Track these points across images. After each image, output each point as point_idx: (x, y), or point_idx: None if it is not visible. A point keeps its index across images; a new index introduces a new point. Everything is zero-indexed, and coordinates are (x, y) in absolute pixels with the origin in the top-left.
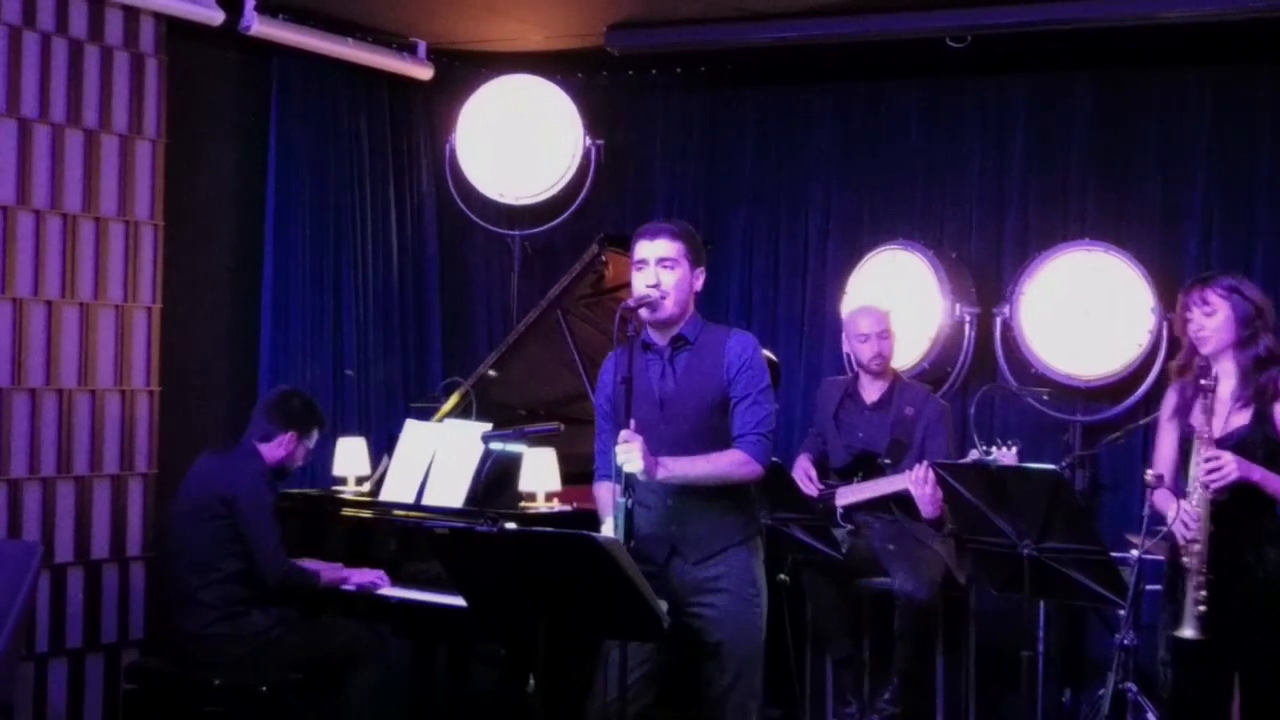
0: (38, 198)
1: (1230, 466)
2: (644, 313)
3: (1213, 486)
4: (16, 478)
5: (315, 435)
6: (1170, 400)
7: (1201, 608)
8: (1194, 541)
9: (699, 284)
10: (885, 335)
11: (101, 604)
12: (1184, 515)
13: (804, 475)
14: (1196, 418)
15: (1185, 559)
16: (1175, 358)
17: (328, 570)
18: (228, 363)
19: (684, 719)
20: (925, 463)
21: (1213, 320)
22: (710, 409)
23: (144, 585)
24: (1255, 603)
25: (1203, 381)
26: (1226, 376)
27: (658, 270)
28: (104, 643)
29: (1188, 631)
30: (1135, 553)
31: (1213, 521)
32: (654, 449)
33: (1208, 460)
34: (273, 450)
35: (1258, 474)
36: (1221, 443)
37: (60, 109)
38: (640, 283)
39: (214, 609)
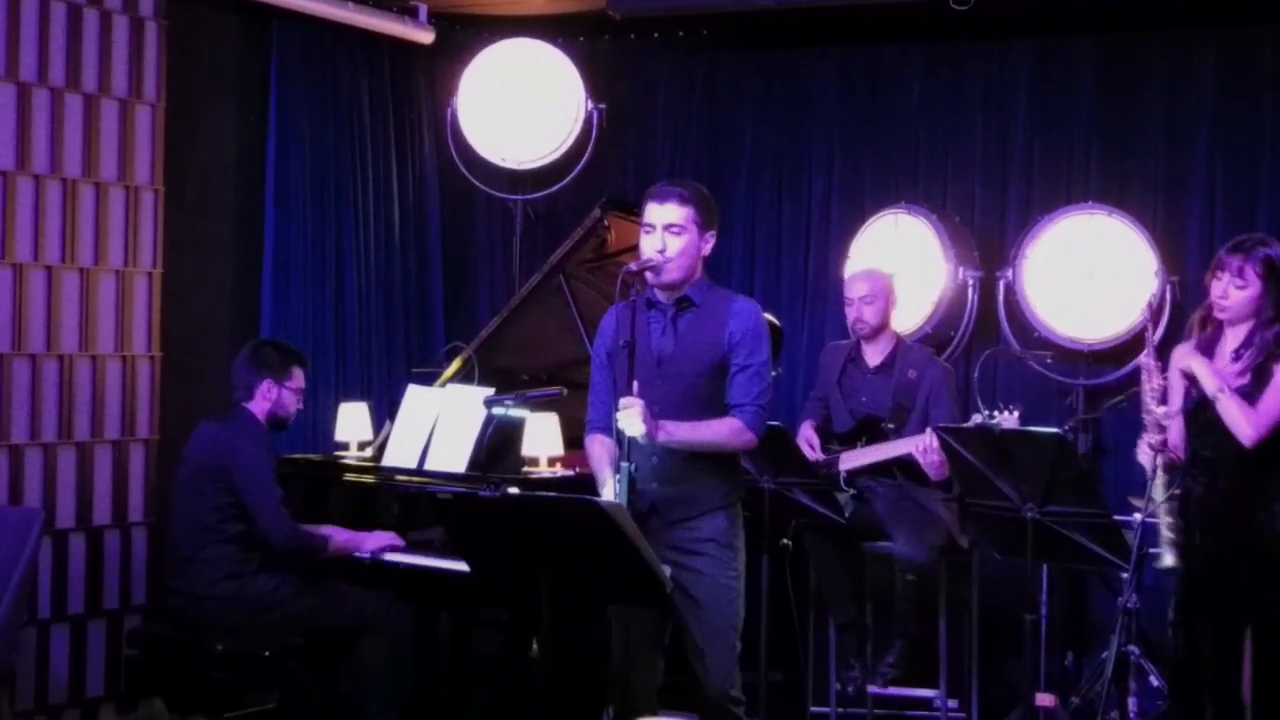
0: (37, 162)
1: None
2: (648, 276)
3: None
4: (18, 443)
5: (297, 374)
6: (1181, 350)
7: (1173, 534)
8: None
9: (708, 248)
10: (870, 299)
11: (103, 570)
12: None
13: (806, 443)
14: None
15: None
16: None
17: (340, 536)
18: (229, 328)
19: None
20: (929, 430)
21: (1242, 294)
22: (707, 371)
23: (145, 551)
24: (1265, 562)
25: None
26: (1234, 336)
27: (664, 235)
28: (106, 609)
29: (1167, 560)
30: (1138, 516)
31: (1222, 479)
32: (647, 406)
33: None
34: (258, 405)
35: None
36: None
37: (59, 73)
38: (647, 247)
39: (216, 568)
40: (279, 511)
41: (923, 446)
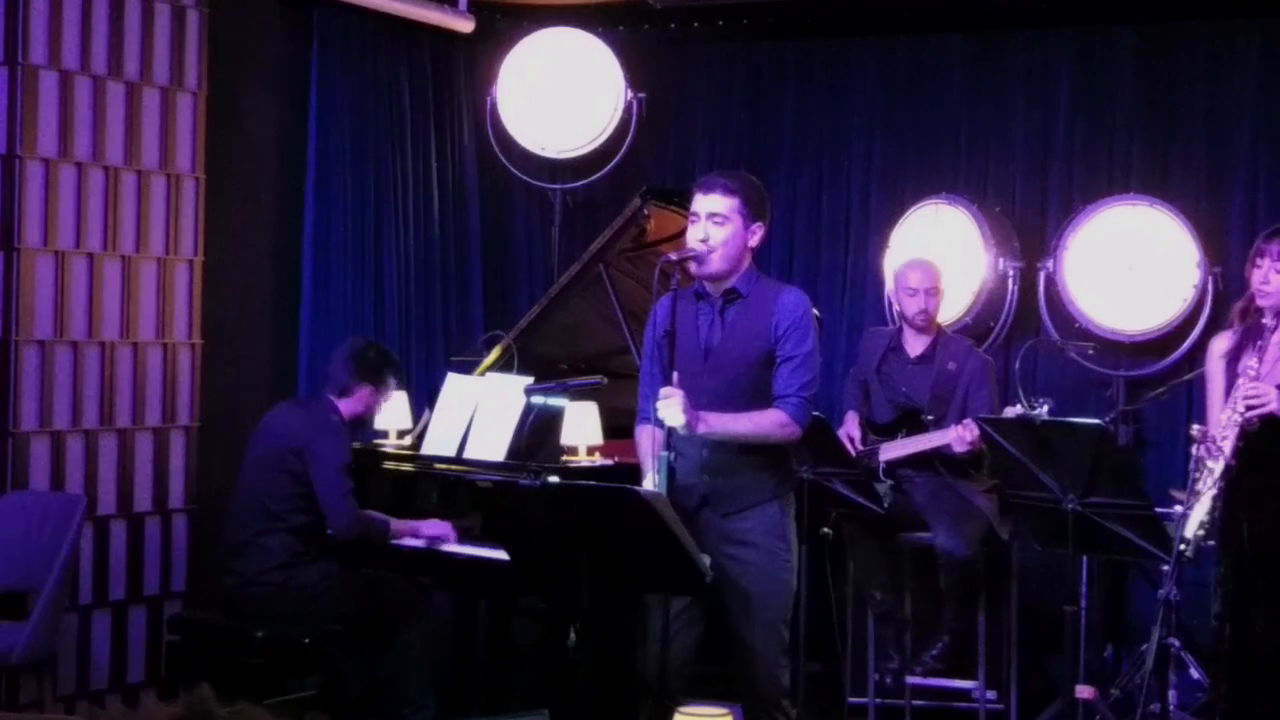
0: (80, 150)
1: (1271, 397)
2: (692, 267)
3: (1249, 414)
4: (59, 430)
5: (393, 384)
6: (1222, 344)
7: (1207, 516)
8: (1219, 451)
9: (755, 239)
10: (934, 292)
11: (144, 556)
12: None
13: (847, 438)
14: (1247, 357)
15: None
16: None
17: (396, 522)
18: (269, 316)
19: (727, 673)
20: (967, 421)
21: None
22: (754, 363)
23: (186, 537)
24: None
25: (1264, 320)
26: None
27: (708, 225)
28: (147, 594)
29: (1191, 528)
30: (1180, 508)
31: (1253, 468)
32: (694, 399)
33: (1250, 387)
34: (350, 405)
35: None
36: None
37: (101, 61)
38: (691, 237)
39: (272, 556)
40: (347, 501)
41: (956, 435)
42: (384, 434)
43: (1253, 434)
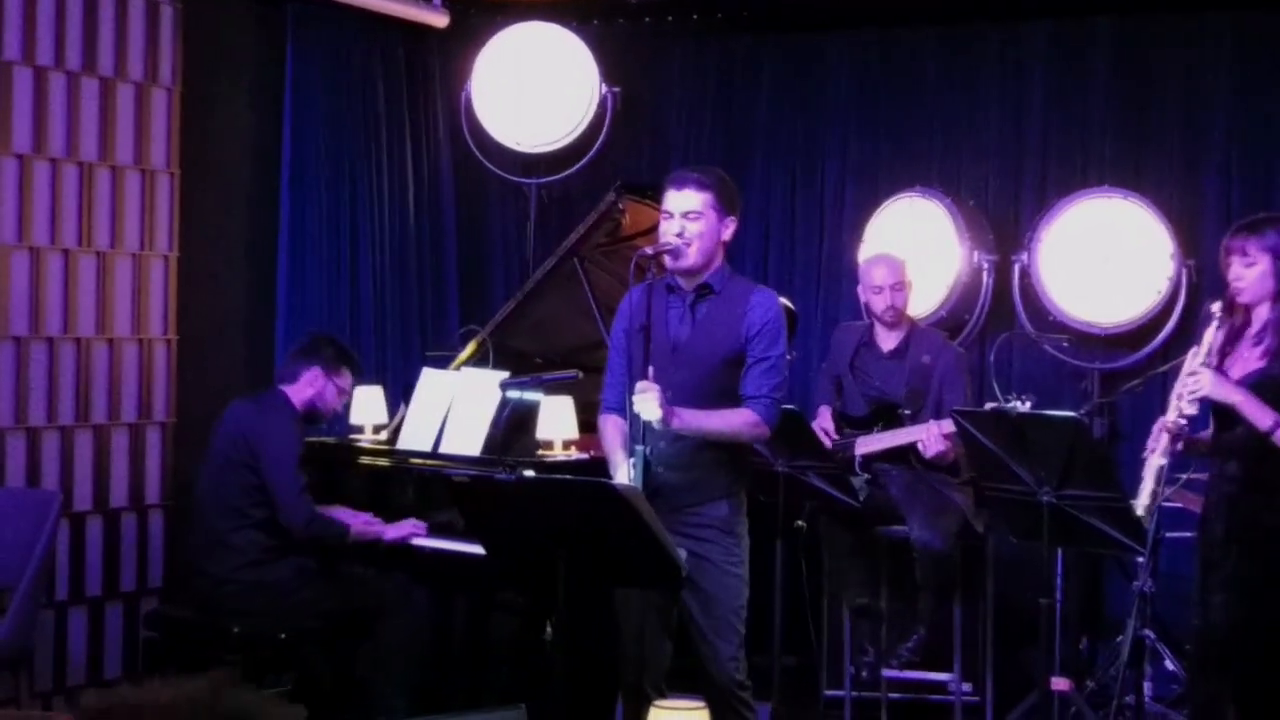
0: (54, 146)
1: (1205, 380)
2: (667, 260)
3: (1185, 397)
4: (35, 426)
5: (347, 375)
6: (1208, 338)
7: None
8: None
9: (728, 234)
10: (900, 287)
11: (120, 552)
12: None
13: (821, 431)
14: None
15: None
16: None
17: (360, 523)
18: (245, 311)
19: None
20: (932, 421)
21: (1251, 271)
22: (722, 361)
23: (163, 534)
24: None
25: (1213, 308)
26: (1257, 321)
27: (683, 221)
28: (123, 591)
29: (1140, 501)
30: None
31: (1239, 486)
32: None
33: (1191, 374)
34: (299, 391)
35: (1238, 395)
36: (1240, 384)
37: (76, 57)
38: (666, 232)
39: (242, 554)
40: (300, 498)
41: (926, 434)
42: (360, 429)
43: (1227, 427)
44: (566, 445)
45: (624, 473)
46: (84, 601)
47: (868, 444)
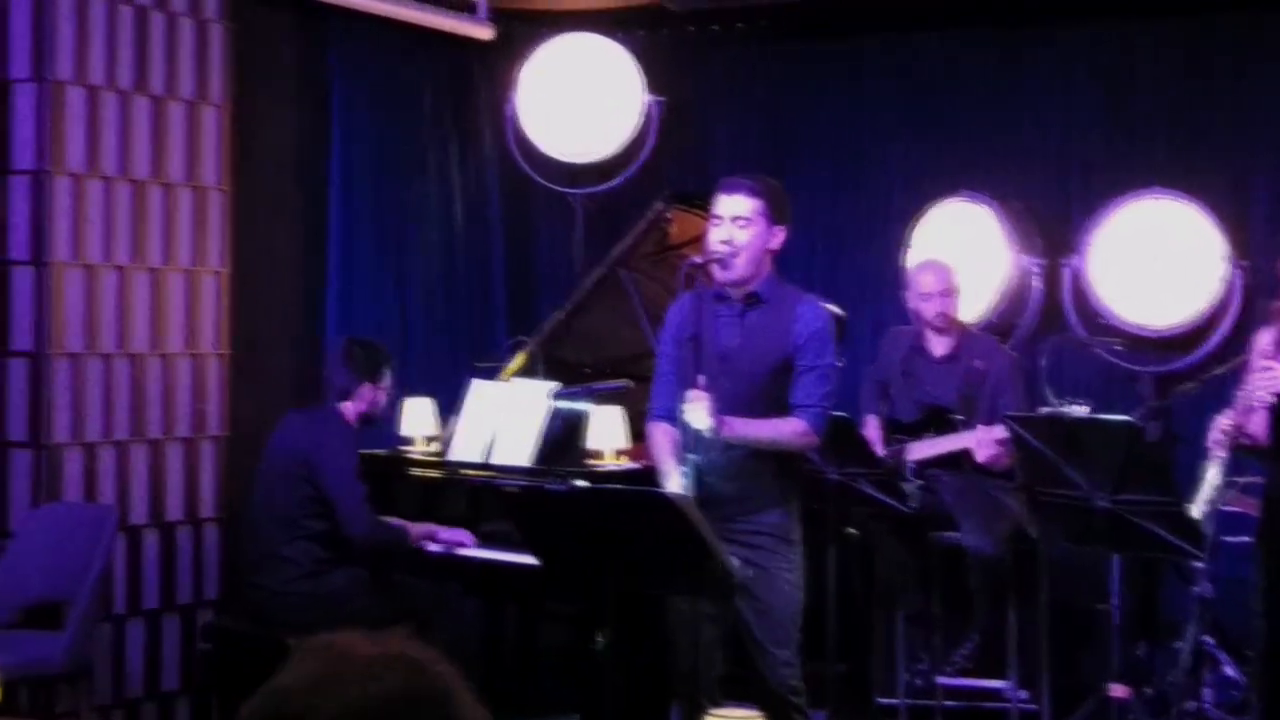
0: (106, 164)
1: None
2: (715, 269)
3: (1258, 392)
4: (91, 441)
5: (386, 373)
6: (1265, 338)
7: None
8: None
9: (776, 243)
10: (948, 293)
11: (176, 565)
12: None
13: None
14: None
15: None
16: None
17: (413, 526)
18: (295, 325)
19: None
20: (982, 427)
21: None
22: (771, 369)
23: (218, 546)
24: None
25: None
26: None
27: (731, 227)
28: (180, 603)
29: (1194, 510)
30: (1215, 506)
31: None
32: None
33: (1264, 367)
34: (355, 406)
35: None
36: None
37: (127, 76)
38: (714, 239)
39: (297, 565)
40: (362, 507)
41: (979, 440)
42: (410, 440)
43: None
44: (617, 454)
45: (674, 481)
46: (141, 614)
47: (920, 450)
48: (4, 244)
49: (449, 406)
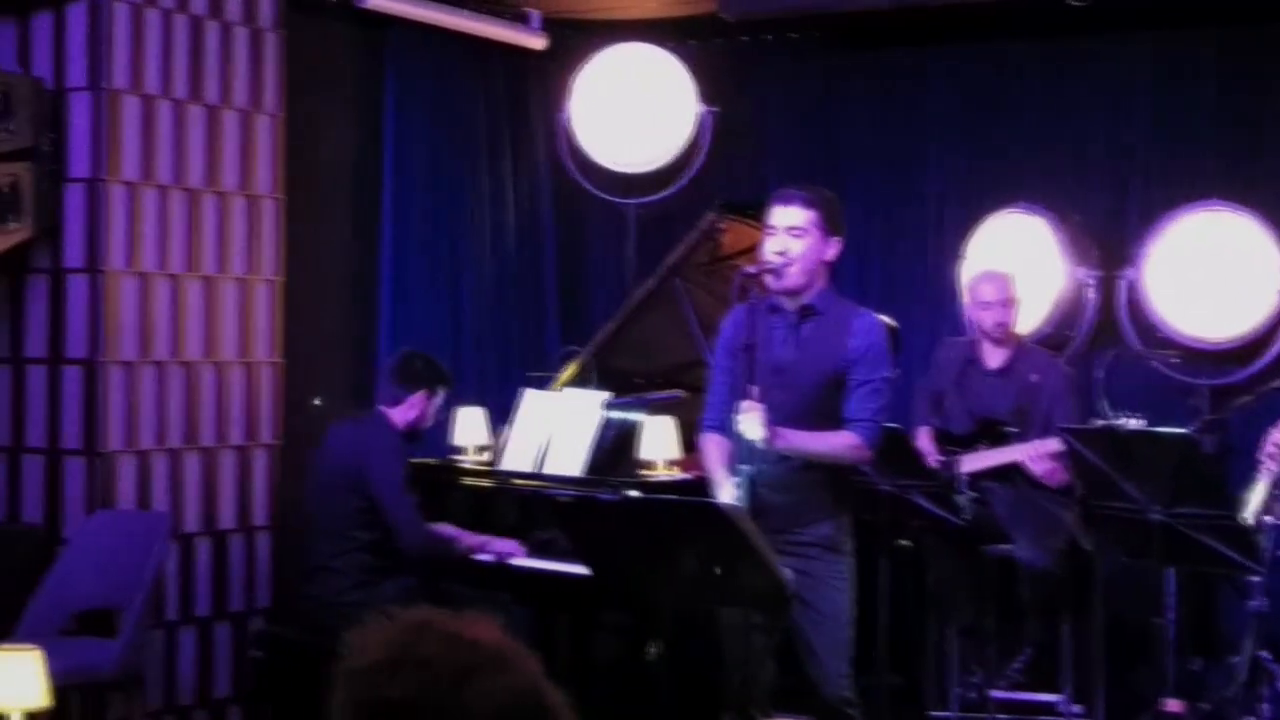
0: (161, 173)
1: None
2: (769, 280)
3: None
4: (145, 449)
5: (442, 393)
6: None
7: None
8: None
9: (831, 254)
10: (1009, 303)
11: (229, 573)
12: None
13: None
14: None
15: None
16: None
17: (465, 536)
18: (348, 334)
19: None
20: (1034, 442)
21: None
22: (825, 383)
23: (270, 554)
24: None
25: None
26: None
27: (785, 238)
28: (231, 611)
29: (1247, 513)
30: (1270, 518)
31: None
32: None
33: None
34: (403, 413)
35: None
36: None
37: (182, 85)
38: (769, 249)
39: (347, 576)
40: (415, 516)
41: (1033, 453)
42: (462, 450)
43: None
44: (670, 465)
45: (727, 492)
46: (193, 621)
47: (973, 462)
48: (59, 252)
49: (501, 416)
